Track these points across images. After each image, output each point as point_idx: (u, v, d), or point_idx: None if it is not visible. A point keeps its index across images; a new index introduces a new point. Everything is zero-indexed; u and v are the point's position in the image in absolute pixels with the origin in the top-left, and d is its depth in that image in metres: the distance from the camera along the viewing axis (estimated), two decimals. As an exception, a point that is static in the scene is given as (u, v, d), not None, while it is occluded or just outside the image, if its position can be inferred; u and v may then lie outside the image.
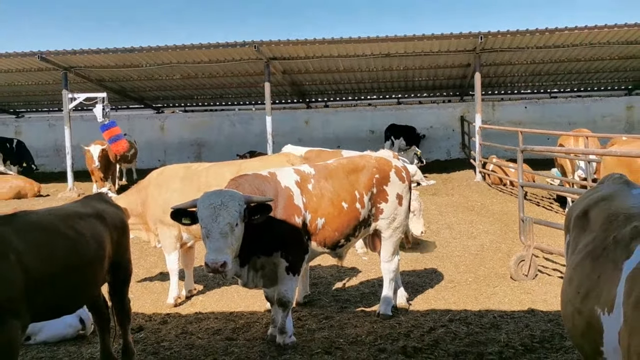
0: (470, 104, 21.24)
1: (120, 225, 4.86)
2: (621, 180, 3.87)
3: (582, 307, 2.96)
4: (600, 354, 2.82)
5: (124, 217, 5.07)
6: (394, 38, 15.56)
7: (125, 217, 5.16)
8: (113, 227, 4.70)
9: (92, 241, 4.39)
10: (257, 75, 19.33)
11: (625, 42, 16.54)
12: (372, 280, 7.67)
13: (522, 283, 7.28)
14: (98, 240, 4.45)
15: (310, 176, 5.70)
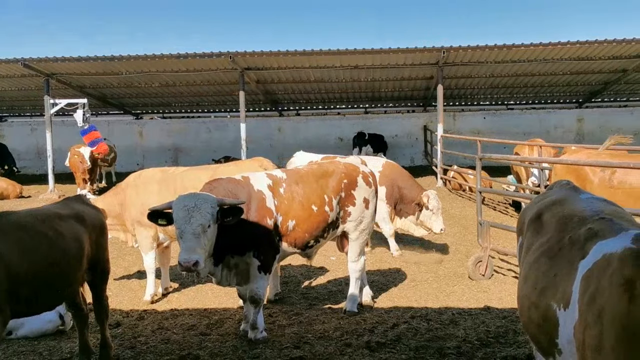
0: (432, 114, 21.49)
1: (98, 225, 4.82)
2: (569, 186, 3.98)
3: (538, 302, 3.02)
4: (555, 345, 2.89)
5: (102, 218, 5.03)
6: (362, 51, 15.69)
7: (104, 218, 5.11)
8: (92, 227, 4.66)
9: (71, 241, 4.35)
10: (232, 84, 19.29)
11: (576, 58, 16.96)
12: (340, 279, 7.71)
13: (479, 282, 7.40)
14: (77, 240, 4.41)
15: (282, 180, 5.73)
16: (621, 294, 2.41)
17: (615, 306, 2.42)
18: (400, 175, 9.22)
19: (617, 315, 2.39)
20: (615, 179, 7.55)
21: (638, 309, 2.33)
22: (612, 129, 22.54)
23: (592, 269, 2.69)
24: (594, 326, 2.51)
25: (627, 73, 18.65)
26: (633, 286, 2.38)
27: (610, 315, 2.43)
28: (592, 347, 2.50)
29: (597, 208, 3.26)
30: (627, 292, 2.39)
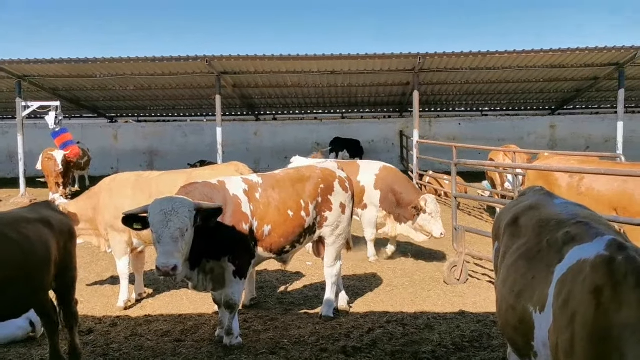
0: (409, 119, 21.64)
1: (66, 231, 4.73)
2: (542, 191, 4.04)
3: (516, 304, 3.06)
4: (531, 347, 2.93)
5: (71, 224, 4.94)
6: (339, 56, 15.75)
7: (73, 224, 5.03)
8: (59, 232, 4.57)
9: (39, 246, 4.26)
10: (208, 88, 19.20)
11: (549, 66, 17.25)
12: (316, 284, 7.69)
13: (455, 287, 7.45)
14: (44, 245, 4.32)
15: (258, 185, 5.71)
16: (590, 300, 2.46)
17: (585, 312, 2.46)
18: (397, 179, 9.16)
19: (586, 320, 2.44)
20: (583, 185, 7.67)
21: (603, 315, 2.37)
22: (584, 135, 23.08)
23: (567, 273, 2.73)
24: (565, 330, 2.55)
25: (598, 81, 19.02)
26: (600, 293, 2.43)
27: (581, 321, 2.47)
28: (564, 351, 2.54)
29: (573, 212, 3.31)
30: (595, 299, 2.44)
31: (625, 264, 2.44)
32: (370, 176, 9.10)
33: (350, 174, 9.08)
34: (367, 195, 9.05)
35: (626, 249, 2.54)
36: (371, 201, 9.05)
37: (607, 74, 18.01)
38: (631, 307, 2.30)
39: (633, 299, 2.31)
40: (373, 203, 9.04)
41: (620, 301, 2.34)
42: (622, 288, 2.37)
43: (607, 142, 21.64)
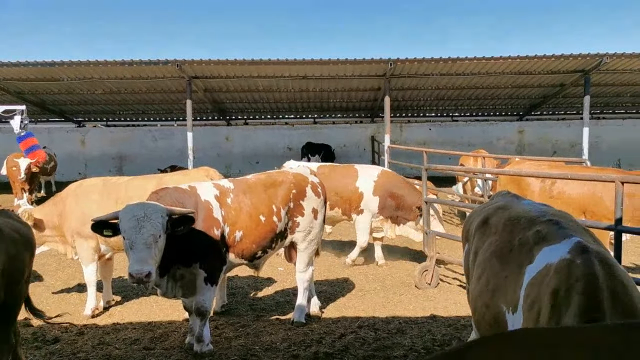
0: (380, 125, 21.76)
1: (20, 240, 4.38)
2: (510, 194, 4.14)
3: (490, 302, 3.10)
4: None
5: (29, 233, 4.61)
6: (311, 61, 15.77)
7: (31, 234, 4.76)
8: (10, 241, 4.22)
9: None
10: (179, 92, 19.02)
11: (517, 72, 17.54)
12: (287, 289, 7.66)
13: (426, 291, 7.50)
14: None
15: (230, 190, 5.66)
16: (548, 302, 2.51)
17: (544, 313, 2.52)
18: (396, 183, 9.13)
19: (544, 321, 2.49)
20: (555, 189, 7.85)
21: (555, 317, 2.42)
22: (551, 141, 23.53)
23: (536, 276, 2.78)
24: None
25: (564, 87, 19.41)
26: (557, 295, 2.48)
27: (542, 320, 2.52)
28: None
29: (542, 210, 3.37)
30: (552, 300, 2.49)
31: (581, 268, 2.50)
32: (369, 183, 9.04)
33: (348, 179, 9.10)
34: (365, 201, 9.01)
35: (587, 253, 2.58)
36: (368, 207, 9.00)
37: (573, 81, 18.39)
38: (573, 312, 2.37)
39: (576, 305, 2.38)
40: (370, 209, 8.98)
41: (568, 304, 2.40)
42: (571, 292, 2.43)
43: (573, 147, 22.11)
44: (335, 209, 9.09)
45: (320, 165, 9.60)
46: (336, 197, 9.01)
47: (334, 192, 8.96)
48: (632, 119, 24.22)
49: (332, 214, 9.05)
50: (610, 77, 18.70)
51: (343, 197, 9.09)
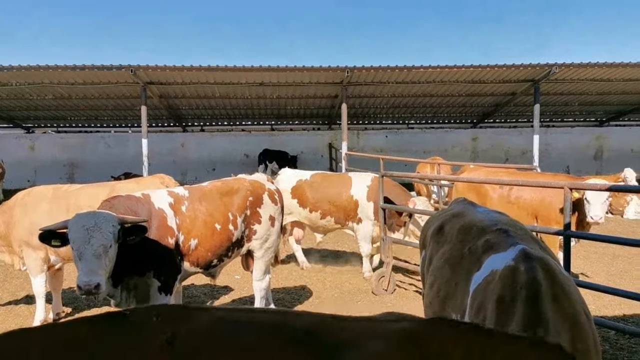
0: (337, 132, 21.89)
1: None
2: (465, 201, 4.21)
3: (440, 310, 3.12)
4: None
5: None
6: (268, 68, 15.75)
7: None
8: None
9: None
10: (133, 98, 18.70)
11: (470, 81, 17.94)
12: (244, 298, 7.59)
13: (383, 297, 7.54)
14: None
15: (184, 198, 5.57)
16: (493, 310, 2.55)
17: (490, 319, 2.55)
18: (387, 188, 8.80)
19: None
20: (512, 195, 8.05)
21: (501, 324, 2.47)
22: (504, 148, 24.12)
23: (481, 283, 2.82)
24: None
25: (516, 96, 19.94)
26: (502, 303, 2.53)
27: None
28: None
29: (494, 218, 3.43)
30: (497, 308, 2.53)
31: (524, 274, 2.56)
32: (362, 188, 8.92)
33: (341, 187, 9.01)
34: (361, 208, 8.87)
35: (531, 260, 2.64)
36: (366, 214, 8.82)
37: (523, 90, 18.92)
38: (516, 320, 2.41)
39: (520, 313, 2.43)
40: (368, 216, 8.79)
41: (513, 312, 2.45)
42: (516, 299, 2.48)
43: (525, 154, 22.72)
44: (327, 218, 8.97)
45: (314, 174, 9.51)
46: (329, 205, 8.90)
47: (327, 200, 8.89)
48: (580, 126, 25.07)
49: (324, 223, 8.98)
50: (559, 87, 19.34)
51: (337, 205, 8.94)
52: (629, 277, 8.48)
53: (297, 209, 9.11)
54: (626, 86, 19.44)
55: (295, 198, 9.10)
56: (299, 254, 9.58)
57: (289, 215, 9.12)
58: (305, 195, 9.04)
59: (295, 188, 9.16)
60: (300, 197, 9.08)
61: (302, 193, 9.07)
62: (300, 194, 9.09)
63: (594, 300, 6.72)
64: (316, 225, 9.15)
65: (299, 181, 9.22)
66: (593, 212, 6.99)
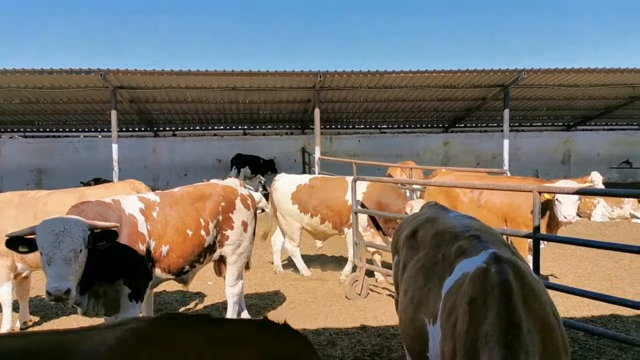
0: (310, 136, 21.91)
1: None
2: (437, 206, 4.25)
3: (414, 316, 3.15)
4: (427, 358, 3.04)
5: None
6: (240, 73, 15.69)
7: None
8: None
9: None
10: (103, 102, 18.42)
11: (442, 86, 18.14)
12: (217, 304, 7.53)
13: (356, 301, 7.56)
14: None
15: (155, 204, 5.51)
16: (466, 311, 2.59)
17: (462, 322, 2.59)
18: (383, 192, 8.78)
19: (462, 330, 2.56)
20: (482, 199, 8.16)
21: (474, 325, 2.51)
22: (474, 152, 24.44)
23: (453, 286, 2.86)
24: (449, 340, 2.66)
25: (486, 101, 20.23)
26: (474, 304, 2.57)
27: (459, 329, 2.59)
28: (449, 358, 2.65)
29: (466, 224, 3.47)
30: (470, 310, 2.57)
31: (496, 276, 2.60)
32: (358, 195, 8.65)
33: (338, 192, 8.86)
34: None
35: (501, 262, 2.68)
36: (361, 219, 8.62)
37: (493, 95, 19.20)
38: (491, 319, 2.45)
39: (494, 311, 2.47)
40: (360, 223, 8.59)
41: (486, 311, 2.49)
42: (488, 298, 2.52)
43: (495, 158, 23.02)
44: (326, 223, 8.87)
45: (312, 178, 9.39)
46: (327, 210, 8.81)
47: (324, 205, 8.78)
48: (548, 131, 25.56)
49: (323, 228, 8.88)
50: (528, 92, 19.68)
51: (334, 210, 8.87)
52: (597, 278, 8.65)
53: (298, 215, 9.01)
54: (592, 91, 19.87)
55: (296, 204, 9.01)
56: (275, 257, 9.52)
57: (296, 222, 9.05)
58: (306, 200, 8.92)
59: (296, 193, 9.06)
60: (300, 202, 8.98)
61: (303, 198, 8.96)
62: (300, 199, 8.98)
63: (563, 301, 6.84)
64: (317, 230, 9.06)
65: (299, 186, 9.11)
66: (565, 212, 7.13)
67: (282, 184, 9.33)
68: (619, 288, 7.95)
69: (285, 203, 9.08)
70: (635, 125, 25.87)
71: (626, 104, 21.77)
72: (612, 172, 24.51)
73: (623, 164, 25.28)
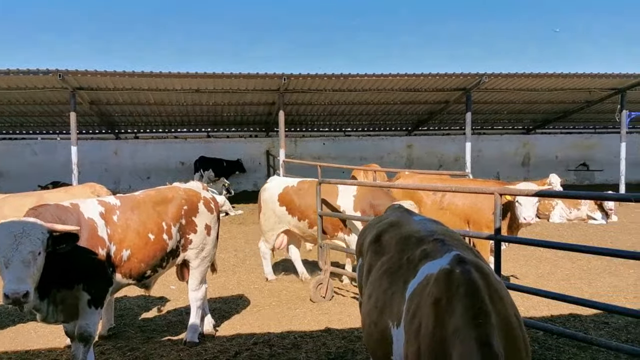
0: (275, 139, 21.86)
1: None
2: (402, 209, 4.28)
3: (377, 319, 3.16)
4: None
5: None
6: (204, 75, 15.53)
7: None
8: None
9: None
10: (62, 104, 17.99)
11: (405, 89, 18.33)
12: (180, 308, 7.43)
13: (321, 304, 7.56)
14: None
15: (116, 208, 5.41)
16: (431, 312, 2.62)
17: (427, 323, 2.62)
18: (374, 193, 8.59)
19: (428, 331, 2.59)
20: (445, 201, 8.27)
21: (440, 325, 2.54)
22: (437, 155, 24.78)
23: (417, 288, 2.89)
24: (413, 342, 2.69)
25: (448, 104, 20.51)
26: (439, 304, 2.60)
27: (424, 332, 2.62)
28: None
29: (431, 228, 3.51)
30: (435, 310, 2.60)
31: (460, 276, 2.64)
32: (349, 198, 8.57)
33: (329, 197, 8.71)
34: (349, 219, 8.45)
35: (465, 263, 2.73)
36: (354, 225, 8.40)
37: (456, 98, 19.49)
38: (457, 313, 2.49)
39: (461, 305, 2.51)
40: (357, 227, 8.33)
41: (452, 310, 2.52)
42: (454, 297, 2.56)
43: (458, 161, 23.41)
44: (315, 227, 8.62)
45: (300, 181, 9.22)
46: (315, 215, 8.52)
47: (312, 209, 8.55)
48: (509, 134, 26.07)
49: (311, 232, 8.70)
50: (489, 96, 20.05)
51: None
52: (556, 278, 8.86)
53: (286, 217, 8.92)
54: (551, 96, 20.37)
55: (284, 205, 8.92)
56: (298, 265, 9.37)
57: (280, 225, 8.99)
58: (293, 203, 8.82)
59: (283, 195, 8.96)
60: (288, 204, 8.88)
61: (290, 200, 8.86)
62: (288, 201, 8.88)
63: (523, 301, 6.98)
64: (305, 234, 8.95)
65: (286, 187, 9.00)
66: (525, 213, 7.30)
67: (271, 185, 9.27)
68: (577, 288, 8.15)
69: (273, 204, 9.00)
70: (591, 128, 26.63)
71: (583, 108, 22.38)
72: (570, 174, 25.19)
73: (580, 166, 26.00)
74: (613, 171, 21.41)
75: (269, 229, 9.08)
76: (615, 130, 22.60)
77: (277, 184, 9.26)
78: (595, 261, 9.71)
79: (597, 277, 8.86)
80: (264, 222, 9.15)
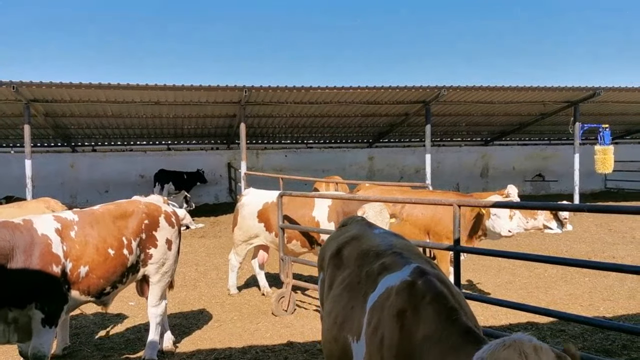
0: (236, 151, 21.72)
1: None
2: (363, 221, 4.29)
3: (338, 335, 3.15)
4: None
5: None
6: (163, 87, 15.36)
7: None
8: None
9: None
10: (15, 116, 17.51)
11: (366, 102, 18.51)
12: (139, 325, 7.29)
13: (283, 318, 7.53)
14: None
15: (73, 223, 5.29)
16: (395, 323, 2.64)
17: (391, 335, 2.63)
18: (347, 202, 8.41)
19: (393, 343, 2.61)
20: (404, 212, 8.35)
21: (407, 335, 2.56)
22: (398, 166, 25.04)
23: (377, 301, 2.90)
24: (376, 354, 2.70)
25: (409, 116, 20.79)
26: (403, 315, 2.62)
27: (388, 343, 2.63)
28: None
29: (390, 242, 3.53)
30: (399, 321, 2.62)
31: (423, 286, 2.68)
32: (324, 209, 8.52)
33: (305, 210, 8.52)
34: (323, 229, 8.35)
35: (426, 275, 2.77)
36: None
37: (416, 111, 19.77)
38: (427, 319, 2.52)
39: (429, 311, 2.54)
40: None
41: (420, 318, 2.55)
42: (420, 306, 2.59)
43: (418, 172, 23.69)
44: (294, 242, 8.55)
45: (281, 194, 9.12)
46: (293, 230, 8.46)
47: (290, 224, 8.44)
48: (468, 145, 26.56)
49: (291, 247, 8.54)
50: (448, 108, 20.41)
51: None
52: (514, 287, 9.03)
53: (264, 233, 8.81)
54: (508, 108, 20.87)
55: (262, 222, 8.79)
56: (260, 278, 9.23)
57: (256, 238, 8.88)
58: (272, 219, 8.64)
59: (262, 212, 8.81)
60: (266, 221, 8.74)
61: (269, 217, 8.71)
62: (266, 218, 8.74)
63: (482, 311, 7.09)
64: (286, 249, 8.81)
65: (265, 204, 8.84)
66: (508, 226, 7.58)
67: (249, 200, 9.09)
68: (534, 296, 8.33)
69: (252, 220, 8.86)
70: (546, 140, 27.35)
71: (538, 120, 22.99)
72: (527, 185, 25.79)
73: (536, 177, 26.66)
74: (568, 181, 21.99)
75: (243, 242, 8.99)
76: (569, 142, 23.25)
77: (255, 200, 9.09)
78: (551, 269, 9.95)
79: (554, 285, 9.07)
80: (239, 236, 9.03)
